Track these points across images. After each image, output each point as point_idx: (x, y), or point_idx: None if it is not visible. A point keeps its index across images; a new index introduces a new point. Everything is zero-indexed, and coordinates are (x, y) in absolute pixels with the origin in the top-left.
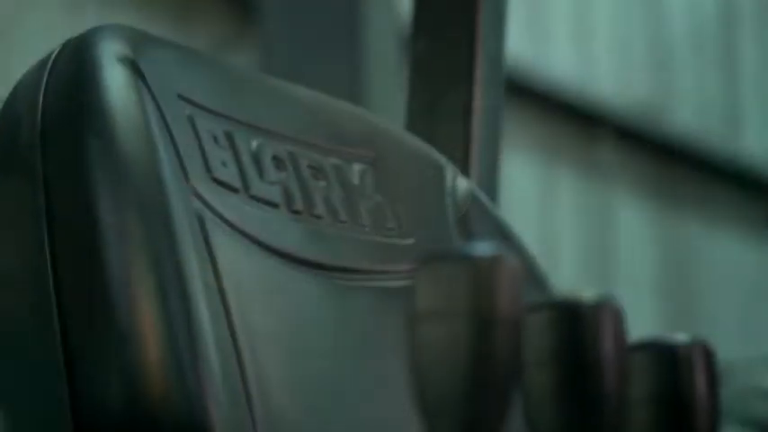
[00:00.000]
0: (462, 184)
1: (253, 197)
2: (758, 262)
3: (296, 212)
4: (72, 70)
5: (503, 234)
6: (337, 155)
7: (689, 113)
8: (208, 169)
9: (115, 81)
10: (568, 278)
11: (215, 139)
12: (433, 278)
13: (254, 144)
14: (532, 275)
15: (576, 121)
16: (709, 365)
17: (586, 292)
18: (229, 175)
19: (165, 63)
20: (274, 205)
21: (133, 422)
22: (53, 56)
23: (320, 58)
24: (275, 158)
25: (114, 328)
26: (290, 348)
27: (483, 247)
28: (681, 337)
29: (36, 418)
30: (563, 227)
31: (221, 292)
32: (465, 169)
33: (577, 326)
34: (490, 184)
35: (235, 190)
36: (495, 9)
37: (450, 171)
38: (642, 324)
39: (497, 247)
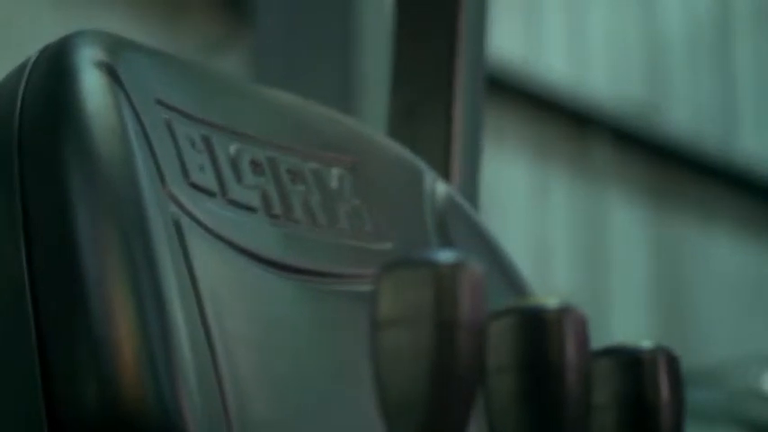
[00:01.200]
0: (441, 188)
1: (230, 201)
2: (754, 263)
3: (274, 216)
4: (49, 76)
5: (482, 238)
6: (316, 159)
7: (684, 115)
8: (185, 174)
9: (92, 86)
10: (562, 280)
11: (193, 143)
12: (394, 284)
13: (233, 148)
14: (511, 280)
15: (570, 122)
16: (673, 371)
17: (550, 299)
18: (207, 179)
19: (143, 68)
20: (252, 209)
21: (108, 425)
22: (31, 61)
23: (313, 60)
24: (253, 163)
25: (90, 332)
26: (266, 352)
27: (445, 254)
28: (644, 342)
29: (11, 421)
30: (556, 228)
31: (197, 296)
32: (446, 173)
33: (540, 332)
34: (470, 187)
35: (212, 194)
36: (477, 14)
37: (429, 175)
38: (637, 325)
39: (459, 254)
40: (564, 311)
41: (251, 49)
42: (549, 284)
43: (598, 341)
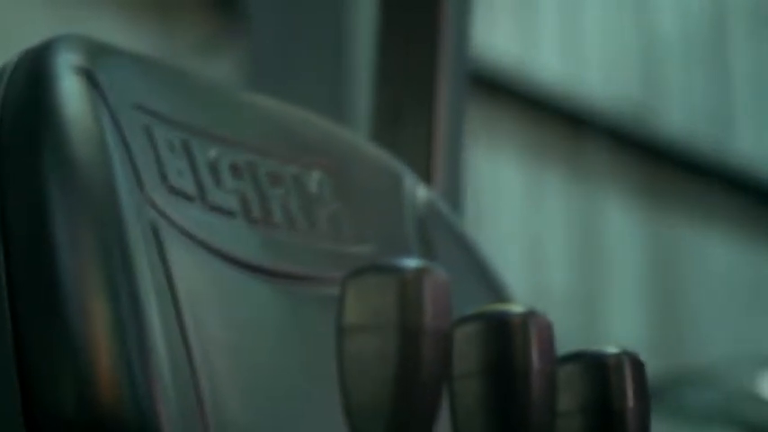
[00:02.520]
0: (422, 192)
1: (209, 205)
2: (749, 264)
3: (253, 220)
4: (27, 81)
5: (462, 242)
6: (296, 163)
7: (679, 115)
8: (164, 178)
9: (71, 91)
10: (557, 281)
11: (172, 148)
12: (359, 291)
13: (212, 153)
14: (491, 285)
15: (564, 122)
16: (639, 376)
17: (515, 305)
18: (185, 183)
19: (122, 73)
20: (231, 213)
21: (85, 426)
22: (9, 66)
23: (309, 61)
24: (233, 167)
25: (67, 335)
26: (244, 356)
27: (410, 260)
28: (610, 347)
29: None
30: (551, 229)
31: (174, 299)
32: (428, 176)
33: (505, 337)
34: (454, 190)
35: (191, 199)
36: (460, 18)
37: (409, 179)
38: (632, 325)
39: (424, 260)
40: (529, 317)
41: (245, 48)
42: (545, 285)
43: (593, 342)
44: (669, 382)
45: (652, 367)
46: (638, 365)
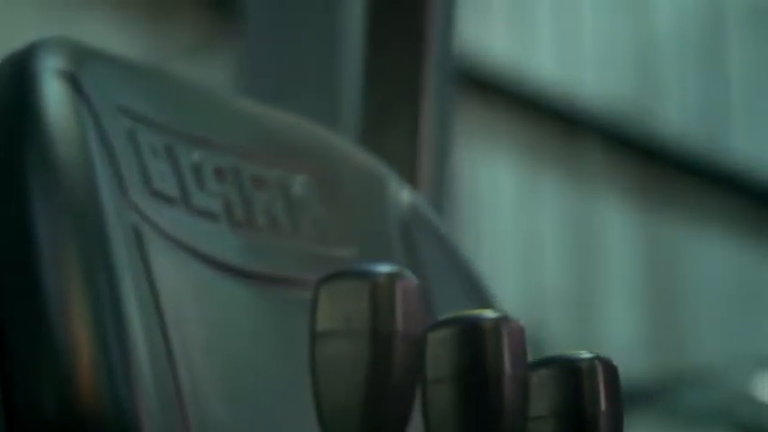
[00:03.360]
0: (406, 195)
1: (192, 209)
2: (746, 264)
3: (236, 224)
4: (11, 84)
5: (445, 245)
6: (280, 166)
7: (675, 115)
8: (147, 182)
9: (54, 95)
10: (553, 282)
11: (155, 151)
12: (332, 295)
13: (196, 156)
14: (474, 289)
15: (561, 123)
16: (612, 381)
17: (488, 310)
18: (169, 187)
19: (105, 76)
20: (214, 217)
21: (66, 427)
22: None
23: (304, 61)
24: (217, 170)
25: (48, 337)
26: (226, 359)
27: (382, 265)
28: (583, 353)
29: None
30: (547, 230)
31: (156, 302)
32: (414, 179)
33: (478, 342)
34: (439, 192)
35: (174, 202)
36: (446, 18)
37: (393, 183)
38: (629, 326)
39: (402, 264)
40: (502, 322)
41: (239, 50)
42: (541, 286)
43: (590, 343)
44: (666, 383)
45: (648, 368)
46: (611, 370)
